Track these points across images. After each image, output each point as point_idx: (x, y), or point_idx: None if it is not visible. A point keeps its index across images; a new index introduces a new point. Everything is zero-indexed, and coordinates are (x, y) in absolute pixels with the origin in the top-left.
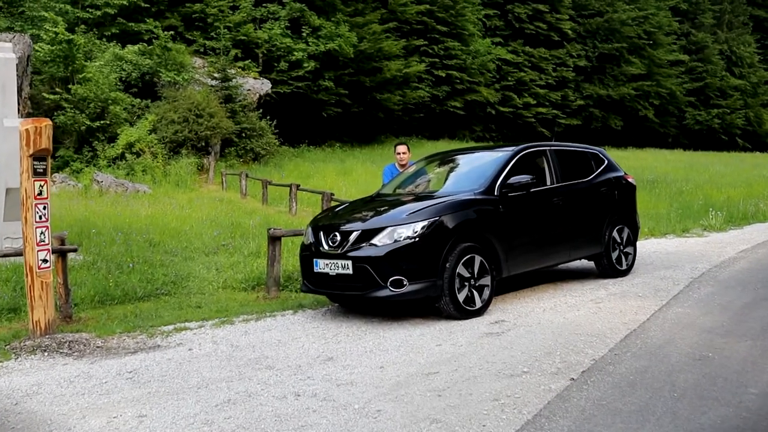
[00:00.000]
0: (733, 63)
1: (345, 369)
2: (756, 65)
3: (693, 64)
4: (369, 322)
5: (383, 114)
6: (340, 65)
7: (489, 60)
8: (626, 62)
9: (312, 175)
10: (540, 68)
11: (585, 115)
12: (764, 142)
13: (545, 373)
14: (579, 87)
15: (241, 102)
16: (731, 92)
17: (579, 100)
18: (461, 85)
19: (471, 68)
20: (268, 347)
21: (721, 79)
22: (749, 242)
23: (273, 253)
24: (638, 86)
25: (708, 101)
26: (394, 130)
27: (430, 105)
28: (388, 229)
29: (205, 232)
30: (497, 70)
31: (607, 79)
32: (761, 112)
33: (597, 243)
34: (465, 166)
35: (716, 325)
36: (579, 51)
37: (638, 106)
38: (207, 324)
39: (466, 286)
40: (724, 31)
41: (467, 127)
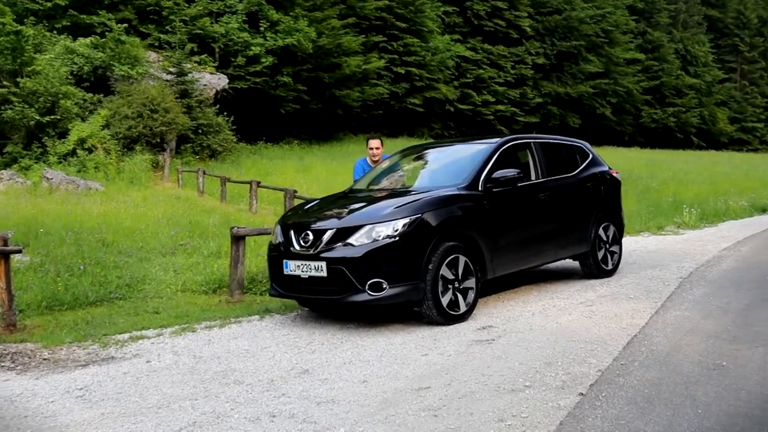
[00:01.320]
0: (688, 62)
1: (324, 384)
2: (710, 64)
3: (649, 63)
4: (344, 328)
5: (342, 111)
6: (298, 61)
7: (448, 57)
8: (584, 60)
9: (271, 172)
10: (499, 66)
11: (543, 112)
12: (718, 141)
13: (550, 387)
14: (537, 85)
15: (198, 97)
16: (686, 91)
17: (537, 97)
18: (420, 82)
19: (430, 65)
20: (235, 358)
21: (676, 77)
22: (728, 240)
23: (236, 254)
24: (596, 84)
25: (664, 100)
26: (352, 127)
27: (389, 102)
28: (366, 227)
29: (162, 231)
30: (456, 68)
31: (566, 77)
32: (715, 110)
33: (583, 241)
34: (444, 160)
35: (721, 330)
36: (537, 49)
37: (596, 104)
38: (166, 332)
39: (449, 288)
40: (679, 30)
41: (426, 125)
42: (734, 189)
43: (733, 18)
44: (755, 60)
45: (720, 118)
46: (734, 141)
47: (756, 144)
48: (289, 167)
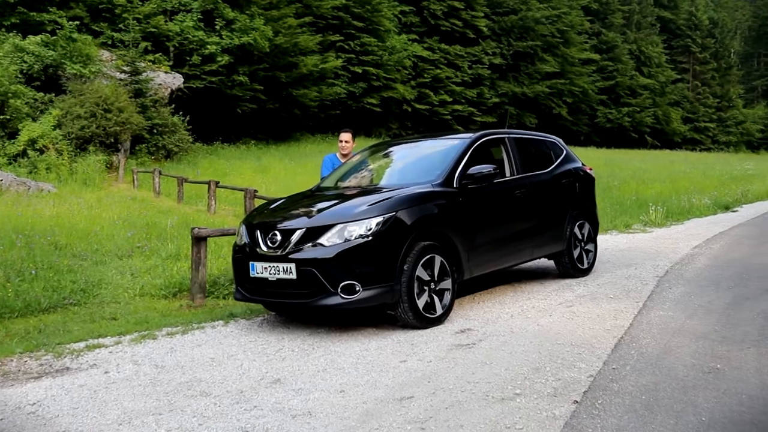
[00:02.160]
0: (642, 63)
1: (298, 394)
2: (663, 65)
3: (604, 63)
4: (315, 333)
5: (299, 111)
6: (255, 60)
7: (405, 57)
8: (540, 60)
9: (228, 173)
10: (456, 65)
11: (500, 112)
12: (672, 140)
13: (541, 395)
14: (494, 85)
15: (152, 97)
16: (641, 91)
17: (494, 97)
18: (378, 81)
19: (387, 65)
20: (200, 368)
21: (630, 78)
22: (698, 238)
23: (198, 256)
24: (552, 84)
25: (619, 100)
26: (309, 127)
27: (347, 102)
28: (337, 226)
29: (118, 233)
30: (413, 67)
31: (522, 77)
32: (669, 110)
33: (559, 240)
34: (416, 156)
35: (708, 330)
36: (494, 49)
37: (552, 104)
38: (125, 339)
39: (425, 290)
40: (633, 31)
41: (383, 125)
42: (694, 187)
43: (685, 19)
44: (707, 61)
45: (673, 117)
46: (687, 140)
47: (708, 143)
48: (247, 167)
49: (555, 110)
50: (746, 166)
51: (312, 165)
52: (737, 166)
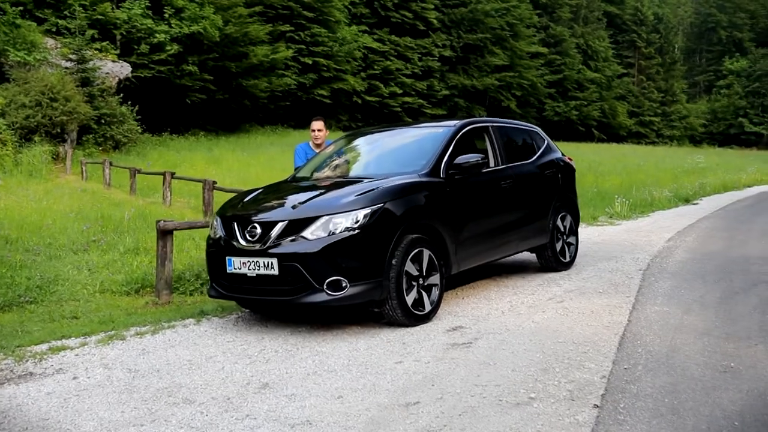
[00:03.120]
0: (589, 57)
1: (291, 401)
2: (610, 59)
3: (552, 57)
4: (297, 332)
5: (249, 102)
6: (204, 49)
7: (355, 48)
8: (490, 53)
9: (179, 164)
10: (406, 57)
11: (450, 105)
12: (618, 134)
13: (558, 398)
14: (444, 77)
15: (100, 86)
16: (588, 85)
17: (444, 90)
18: (328, 72)
19: (338, 56)
20: (178, 371)
21: (578, 72)
22: (668, 230)
23: (164, 250)
24: (501, 77)
25: (566, 93)
26: (259, 118)
27: (297, 93)
28: (322, 218)
29: (71, 226)
30: (364, 59)
31: (472, 69)
32: (615, 104)
33: (543, 232)
34: (398, 145)
35: (709, 326)
36: (444, 41)
37: (501, 97)
38: (91, 341)
39: (414, 286)
40: (580, 25)
41: (333, 116)
42: (650, 180)
43: (630, 15)
44: (652, 56)
45: (620, 111)
46: (633, 134)
47: (653, 137)
48: (198, 159)
49: (504, 103)
50: (697, 159)
51: (265, 157)
52: (688, 159)
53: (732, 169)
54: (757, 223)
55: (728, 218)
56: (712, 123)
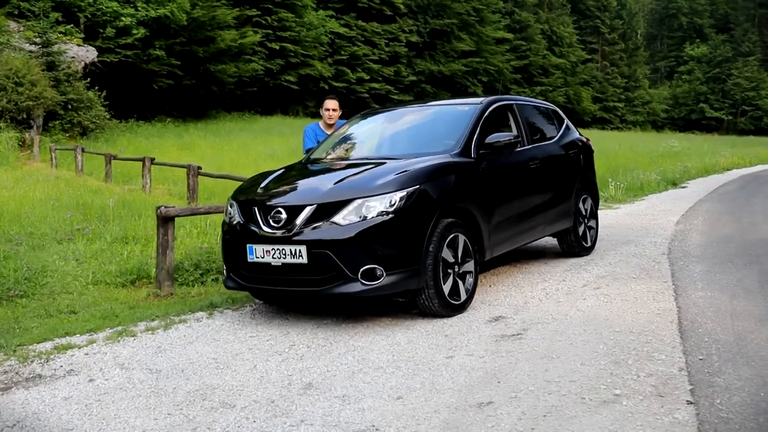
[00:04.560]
0: (554, 42)
1: (346, 403)
2: (574, 45)
3: (517, 43)
4: (322, 325)
5: (216, 87)
6: (171, 33)
7: (322, 33)
8: (456, 39)
9: (150, 151)
10: (373, 43)
11: (417, 90)
12: (582, 119)
13: (645, 394)
14: (411, 62)
15: (65, 70)
16: (553, 71)
17: (411, 75)
18: (295, 58)
19: (305, 41)
20: (205, 371)
21: (543, 57)
22: (673, 213)
23: (165, 238)
24: (468, 63)
25: (532, 79)
26: (226, 104)
27: (264, 79)
28: (355, 202)
29: (51, 214)
30: (330, 44)
31: (438, 55)
32: (580, 90)
33: (568, 216)
34: (421, 124)
35: (762, 313)
36: (411, 26)
37: (467, 83)
38: (98, 337)
39: (450, 273)
40: (545, 11)
41: (300, 102)
42: (631, 164)
43: (594, 1)
44: (615, 42)
45: (584, 97)
46: (597, 120)
47: (617, 123)
48: (169, 145)
49: (470, 89)
50: (671, 144)
51: (238, 143)
52: (662, 143)
53: (706, 153)
54: (756, 206)
55: (724, 201)
56: (674, 108)
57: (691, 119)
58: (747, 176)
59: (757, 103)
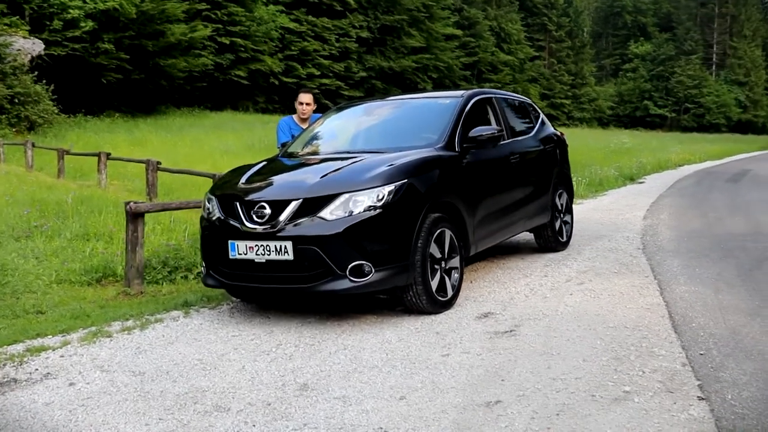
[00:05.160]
0: (502, 39)
1: (347, 404)
2: (522, 42)
3: (466, 39)
4: (307, 324)
5: (166, 82)
6: (120, 27)
7: (273, 28)
8: (406, 35)
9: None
10: (323, 38)
11: (367, 86)
12: None
13: (655, 391)
14: (362, 58)
15: (11, 63)
16: (501, 67)
17: (362, 71)
18: (245, 53)
19: (255, 36)
20: (192, 373)
21: (492, 54)
22: (636, 208)
23: (134, 235)
24: (418, 59)
25: (481, 75)
26: (175, 100)
27: (214, 73)
28: (342, 196)
29: (6, 211)
30: (281, 39)
31: (389, 51)
32: (528, 87)
33: (546, 211)
34: (401, 117)
35: (751, 306)
36: (361, 22)
37: (418, 79)
38: (72, 338)
39: (437, 269)
40: (493, 8)
41: (250, 98)
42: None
43: None
44: (562, 39)
45: (532, 94)
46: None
47: (564, 119)
48: (120, 141)
49: (420, 85)
50: (623, 140)
51: (190, 138)
52: (613, 140)
53: (656, 150)
54: (716, 201)
55: (684, 196)
56: (619, 105)
57: (636, 116)
58: (700, 172)
59: (700, 101)
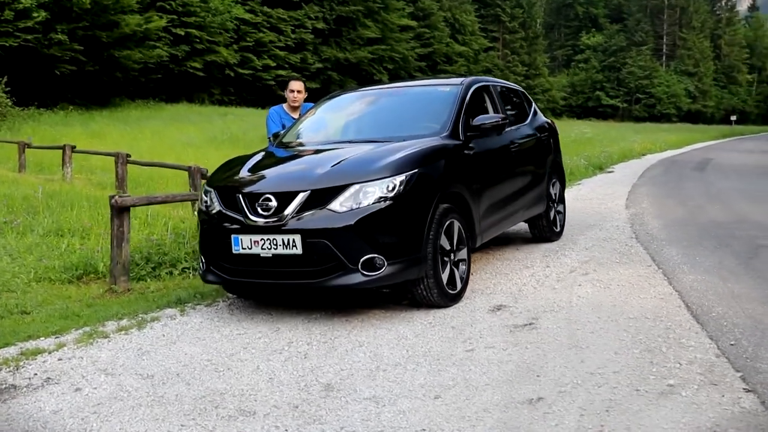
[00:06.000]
0: (456, 30)
1: (381, 406)
2: (476, 33)
3: (421, 30)
4: (313, 320)
5: (121, 74)
6: (74, 17)
7: (228, 19)
8: (362, 26)
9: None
10: (279, 29)
11: (323, 78)
12: None
13: (699, 383)
14: (317, 50)
15: None
16: (456, 58)
17: (318, 63)
18: (201, 44)
19: (210, 27)
20: (204, 375)
21: (446, 45)
22: (614, 197)
23: (120, 230)
24: (374, 50)
25: (436, 67)
26: (130, 92)
27: (169, 65)
28: (353, 187)
29: None
30: (236, 31)
31: (344, 42)
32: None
33: (542, 200)
34: (401, 106)
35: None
36: (317, 13)
37: (373, 70)
38: (66, 340)
39: (447, 262)
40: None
41: (206, 90)
42: None
43: None
44: (516, 30)
45: None
46: None
47: None
48: (77, 134)
49: (376, 76)
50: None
51: (149, 130)
52: (573, 130)
53: (616, 139)
54: (690, 190)
55: (657, 185)
56: (572, 96)
57: (588, 107)
58: (664, 161)
59: (650, 91)
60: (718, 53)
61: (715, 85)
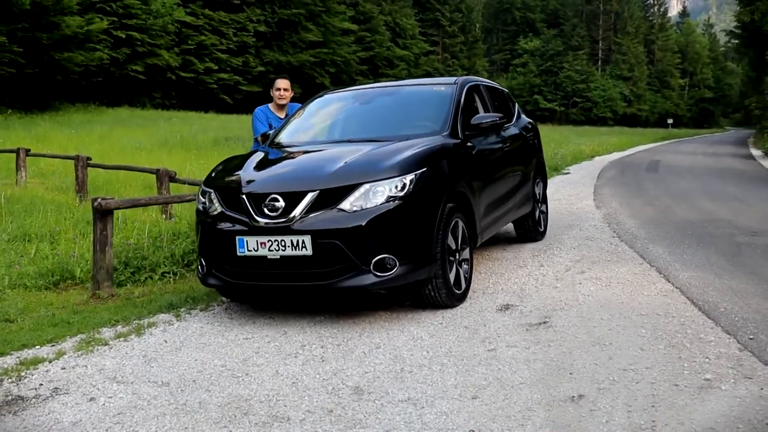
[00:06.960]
0: (397, 34)
1: (419, 408)
2: (417, 37)
3: (362, 34)
4: (316, 322)
5: (61, 76)
6: (13, 18)
7: (169, 22)
8: (304, 29)
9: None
10: (221, 32)
11: (266, 81)
12: None
13: (735, 377)
14: (260, 53)
15: None
16: (397, 62)
17: (260, 66)
18: (142, 47)
19: (152, 29)
20: (223, 381)
21: (387, 49)
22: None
23: (103, 234)
24: (316, 53)
25: (377, 70)
26: (70, 95)
27: (110, 68)
28: (363, 187)
29: None
30: (177, 33)
31: (286, 45)
32: None
33: (529, 199)
34: (396, 105)
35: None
36: (259, 16)
37: (315, 74)
38: (65, 348)
39: (453, 261)
40: (387, 3)
41: (147, 94)
42: None
43: None
44: (455, 34)
45: None
46: None
47: None
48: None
49: (318, 80)
50: None
51: (97, 135)
52: None
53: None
54: (652, 190)
55: (618, 185)
56: None
57: (527, 110)
58: (616, 163)
59: (587, 95)
60: (651, 58)
61: (649, 89)
